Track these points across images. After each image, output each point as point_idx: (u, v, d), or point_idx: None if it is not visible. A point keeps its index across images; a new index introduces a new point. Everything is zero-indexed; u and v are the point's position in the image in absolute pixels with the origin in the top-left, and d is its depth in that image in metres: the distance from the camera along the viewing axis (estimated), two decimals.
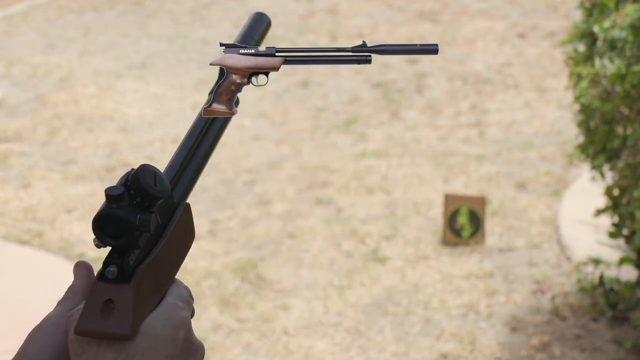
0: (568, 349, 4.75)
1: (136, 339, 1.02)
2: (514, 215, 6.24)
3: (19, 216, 6.34)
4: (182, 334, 1.05)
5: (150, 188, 1.03)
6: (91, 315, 1.01)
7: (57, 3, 12.24)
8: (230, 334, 4.98)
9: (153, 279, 1.05)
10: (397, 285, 5.43)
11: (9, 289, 5.37)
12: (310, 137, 7.77)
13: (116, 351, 1.01)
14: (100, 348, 1.02)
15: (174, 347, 1.04)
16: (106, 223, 1.02)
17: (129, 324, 1.00)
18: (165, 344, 1.03)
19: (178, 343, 1.05)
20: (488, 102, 8.46)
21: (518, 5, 11.68)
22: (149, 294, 1.04)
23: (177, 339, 1.05)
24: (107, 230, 1.02)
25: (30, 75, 9.39)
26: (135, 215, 1.01)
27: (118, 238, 1.02)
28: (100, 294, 1.01)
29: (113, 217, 1.01)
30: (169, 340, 1.04)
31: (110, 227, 1.02)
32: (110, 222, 1.01)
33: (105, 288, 1.01)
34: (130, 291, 1.01)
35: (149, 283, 1.04)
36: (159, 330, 1.04)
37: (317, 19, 11.37)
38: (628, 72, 4.24)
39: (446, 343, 4.86)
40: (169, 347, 1.04)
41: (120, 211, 1.01)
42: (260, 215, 6.33)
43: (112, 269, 1.01)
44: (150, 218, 1.02)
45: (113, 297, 1.01)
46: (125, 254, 1.03)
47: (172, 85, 9.10)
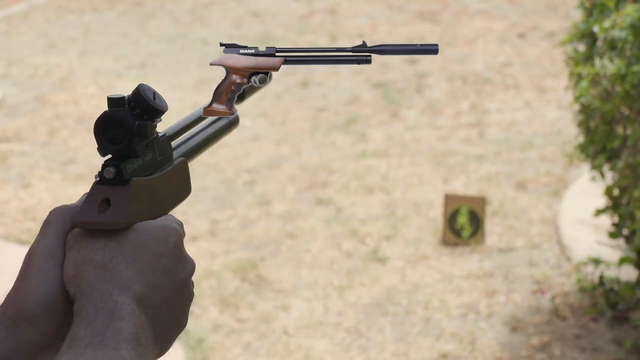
0: (568, 349, 4.75)
1: (127, 232, 1.05)
2: (514, 215, 6.24)
3: (19, 216, 6.35)
4: (173, 239, 1.07)
5: (150, 100, 1.09)
6: (88, 209, 1.05)
7: (57, 3, 12.24)
8: (230, 334, 4.98)
9: (147, 197, 1.09)
10: (397, 285, 5.43)
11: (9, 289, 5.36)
12: (310, 137, 7.77)
13: (107, 240, 1.04)
14: (92, 239, 1.05)
15: (164, 247, 1.06)
16: (107, 126, 1.07)
17: (123, 215, 1.04)
18: (155, 242, 1.06)
19: (169, 245, 1.07)
20: (488, 102, 8.46)
21: (518, 5, 11.68)
22: (142, 207, 1.08)
23: (168, 241, 1.07)
24: (107, 134, 1.07)
25: (30, 75, 9.39)
26: (134, 121, 1.07)
27: (117, 142, 1.06)
28: (97, 193, 1.06)
29: (113, 119, 1.07)
30: (159, 239, 1.06)
31: (111, 131, 1.07)
32: (110, 125, 1.07)
33: (102, 189, 1.06)
34: (127, 191, 1.05)
35: (144, 196, 1.08)
36: (150, 229, 1.06)
37: (317, 19, 11.37)
38: (628, 72, 4.24)
39: (446, 343, 4.86)
40: (158, 245, 1.06)
41: (120, 114, 1.07)
42: (260, 215, 6.33)
43: (111, 169, 1.06)
44: (147, 125, 1.08)
45: (110, 196, 1.05)
46: (124, 161, 1.07)
47: (172, 85, 9.10)
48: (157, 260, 1.05)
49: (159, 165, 1.13)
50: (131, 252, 1.04)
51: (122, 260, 1.03)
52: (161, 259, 1.05)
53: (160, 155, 1.14)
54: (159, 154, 1.13)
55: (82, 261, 1.04)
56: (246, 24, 11.24)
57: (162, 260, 1.05)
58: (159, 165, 1.13)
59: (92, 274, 1.02)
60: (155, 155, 1.12)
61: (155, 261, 1.05)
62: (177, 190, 1.16)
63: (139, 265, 1.03)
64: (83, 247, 1.04)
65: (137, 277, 1.03)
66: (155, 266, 1.05)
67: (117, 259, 1.03)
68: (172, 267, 1.06)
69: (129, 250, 1.04)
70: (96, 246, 1.04)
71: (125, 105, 1.08)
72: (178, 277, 1.07)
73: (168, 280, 1.05)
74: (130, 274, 1.03)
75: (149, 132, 1.08)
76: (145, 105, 1.09)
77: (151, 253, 1.05)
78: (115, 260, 1.03)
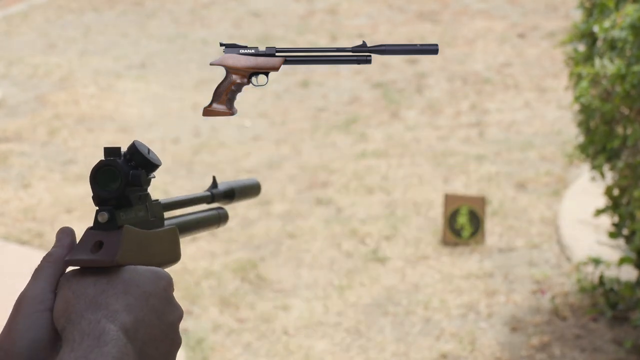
0: (568, 349, 4.75)
1: (119, 270, 1.07)
2: (514, 215, 6.24)
3: (19, 216, 6.34)
4: (163, 283, 1.09)
5: (145, 154, 1.12)
6: (81, 250, 1.08)
7: (57, 3, 12.24)
8: (230, 334, 4.98)
9: (138, 246, 1.11)
10: (397, 285, 5.43)
11: (9, 289, 5.37)
12: (310, 137, 7.77)
13: (98, 277, 1.06)
14: (84, 276, 1.06)
15: (153, 288, 1.07)
16: (102, 174, 1.10)
17: (115, 254, 1.06)
18: (145, 282, 1.07)
19: (158, 287, 1.08)
20: (488, 102, 8.46)
21: (518, 5, 11.68)
22: (133, 253, 1.10)
23: (158, 284, 1.08)
24: (102, 182, 1.10)
25: (30, 75, 9.39)
26: (129, 170, 1.11)
27: (112, 189, 1.10)
28: (90, 236, 1.09)
29: (109, 167, 1.10)
30: (150, 280, 1.08)
31: (106, 179, 1.10)
32: (106, 173, 1.10)
33: (95, 233, 1.09)
34: (119, 234, 1.08)
35: (135, 244, 1.10)
36: (141, 270, 1.08)
37: (317, 19, 11.36)
38: (628, 72, 4.24)
39: (446, 343, 4.86)
40: (148, 285, 1.07)
41: (116, 163, 1.10)
42: (260, 215, 6.33)
43: (105, 214, 1.09)
44: (141, 174, 1.11)
45: (102, 238, 1.08)
46: (118, 208, 1.11)
47: (172, 85, 9.10)
48: (146, 298, 1.07)
49: (151, 226, 1.16)
50: (121, 287, 1.06)
51: (112, 294, 1.05)
52: (150, 298, 1.07)
53: (152, 217, 1.17)
54: (151, 215, 1.17)
55: (73, 295, 1.05)
56: (246, 24, 11.24)
57: (151, 299, 1.07)
58: (150, 226, 1.16)
59: (82, 306, 1.04)
60: (147, 214, 1.15)
61: (145, 299, 1.06)
62: (166, 252, 1.18)
63: (129, 300, 1.05)
64: (74, 283, 1.06)
65: (126, 310, 1.04)
66: (145, 304, 1.06)
67: (107, 293, 1.05)
68: (161, 308, 1.08)
69: (119, 285, 1.06)
70: (87, 282, 1.06)
71: (121, 155, 1.12)
72: (167, 318, 1.08)
73: (156, 319, 1.07)
74: (120, 306, 1.04)
75: (143, 181, 1.12)
76: (141, 158, 1.12)
77: (141, 291, 1.06)
78: (105, 293, 1.05)
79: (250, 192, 1.49)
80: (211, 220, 1.36)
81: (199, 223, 1.32)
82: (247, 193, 1.48)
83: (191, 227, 1.29)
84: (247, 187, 1.48)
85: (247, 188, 1.47)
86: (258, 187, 1.51)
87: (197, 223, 1.31)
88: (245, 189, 1.47)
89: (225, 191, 1.43)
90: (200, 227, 1.32)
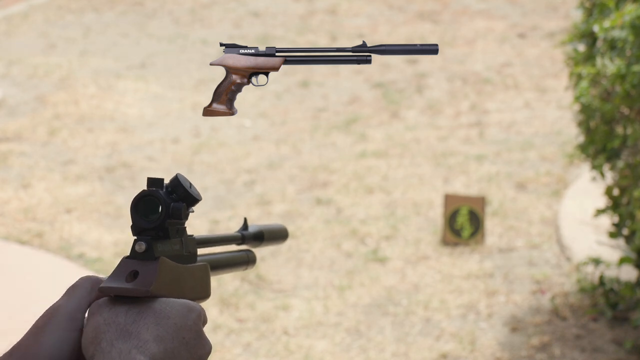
0: (568, 349, 4.75)
1: (151, 301, 1.06)
2: (514, 215, 6.24)
3: (19, 216, 6.34)
4: (194, 316, 1.09)
5: (187, 187, 1.13)
6: (115, 279, 1.08)
7: (57, 3, 12.24)
8: (230, 334, 4.98)
9: (172, 279, 1.11)
10: (397, 285, 5.43)
11: (9, 289, 5.37)
12: (310, 137, 7.77)
13: (130, 306, 1.06)
14: (116, 304, 1.06)
15: (184, 321, 1.07)
16: (144, 204, 1.11)
17: (150, 284, 1.06)
18: (177, 315, 1.07)
19: (189, 321, 1.08)
20: (488, 102, 8.46)
21: (518, 5, 11.68)
22: (167, 285, 1.10)
23: (189, 317, 1.08)
24: (143, 211, 1.11)
25: (30, 75, 9.39)
26: (170, 203, 1.11)
27: (152, 220, 1.10)
28: (126, 265, 1.09)
29: (151, 197, 1.11)
30: (181, 313, 1.07)
31: (146, 209, 1.11)
32: (147, 203, 1.11)
33: (131, 262, 1.10)
34: (155, 265, 1.08)
35: (169, 277, 1.10)
36: (173, 303, 1.08)
37: (317, 19, 11.37)
38: (628, 72, 4.24)
39: (446, 343, 4.86)
40: (180, 318, 1.07)
41: (158, 194, 1.11)
42: (260, 215, 6.33)
43: (143, 244, 1.09)
44: (182, 207, 1.11)
45: (138, 268, 1.08)
46: (156, 239, 1.11)
47: (172, 85, 9.10)
48: (177, 331, 1.06)
49: (184, 260, 1.16)
50: (152, 318, 1.05)
51: (143, 325, 1.05)
52: (181, 331, 1.07)
53: (186, 251, 1.17)
54: (186, 250, 1.17)
55: (104, 323, 1.05)
56: (246, 24, 11.24)
57: (182, 332, 1.07)
58: (184, 260, 1.16)
59: (113, 334, 1.04)
60: (182, 249, 1.16)
61: (176, 332, 1.06)
62: (197, 288, 1.18)
63: (159, 332, 1.05)
64: (106, 311, 1.06)
65: (156, 341, 1.04)
66: (175, 336, 1.06)
67: (139, 323, 1.05)
68: (191, 341, 1.07)
69: (151, 316, 1.05)
70: (119, 310, 1.06)
71: (163, 187, 1.13)
72: (196, 352, 1.08)
73: (186, 352, 1.07)
74: (150, 337, 1.04)
75: (183, 215, 1.12)
76: (183, 191, 1.13)
77: (172, 323, 1.06)
78: (136, 323, 1.05)
79: (279, 236, 1.52)
80: (240, 261, 1.37)
81: (229, 263, 1.33)
82: (276, 238, 1.50)
83: (221, 266, 1.30)
84: (276, 231, 1.51)
85: (275, 232, 1.50)
86: (286, 233, 1.54)
87: (227, 262, 1.32)
88: (274, 233, 1.49)
89: (255, 233, 1.46)
90: (229, 267, 1.33)
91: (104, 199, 6.53)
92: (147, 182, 1.11)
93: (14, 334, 4.45)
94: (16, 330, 4.24)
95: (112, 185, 6.73)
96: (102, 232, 6.08)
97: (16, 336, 1.27)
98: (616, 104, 4.41)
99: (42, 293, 5.13)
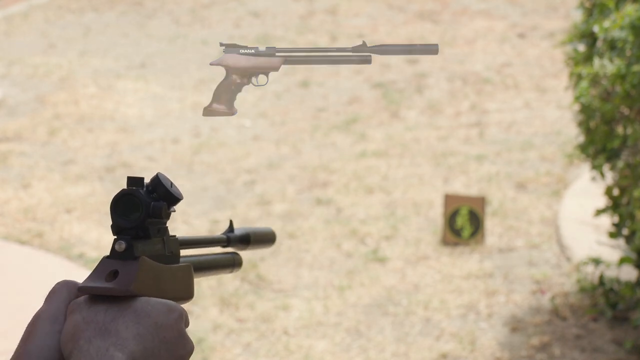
0: (568, 349, 4.75)
1: (131, 300, 1.06)
2: (514, 215, 6.24)
3: (19, 216, 6.34)
4: (175, 315, 1.08)
5: (167, 186, 1.12)
6: (95, 278, 1.07)
7: (57, 3, 12.24)
8: (230, 334, 4.98)
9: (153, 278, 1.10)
10: (397, 285, 5.43)
11: (9, 289, 5.37)
12: (310, 137, 7.77)
13: (110, 304, 1.05)
14: (95, 302, 1.06)
15: (165, 320, 1.06)
16: (123, 203, 1.10)
17: (130, 283, 1.05)
18: (157, 314, 1.06)
19: (170, 320, 1.07)
20: (488, 102, 8.46)
21: (518, 5, 11.68)
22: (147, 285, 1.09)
23: (170, 316, 1.07)
24: (122, 211, 1.10)
25: (30, 75, 9.39)
26: (150, 202, 1.10)
27: (132, 219, 1.09)
28: (105, 265, 1.08)
29: (131, 197, 1.10)
30: (162, 312, 1.06)
31: (126, 208, 1.09)
32: (127, 202, 1.10)
33: (111, 262, 1.09)
34: (136, 264, 1.07)
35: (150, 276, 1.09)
36: (154, 302, 1.07)
37: (317, 19, 11.36)
38: (628, 72, 4.24)
39: (446, 343, 4.86)
40: (160, 317, 1.06)
41: (138, 192, 1.10)
42: (260, 215, 6.33)
43: (122, 243, 1.08)
44: (162, 206, 1.10)
45: (118, 268, 1.07)
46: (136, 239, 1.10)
47: (172, 85, 9.10)
48: (157, 330, 1.05)
49: (166, 260, 1.15)
50: (132, 316, 1.05)
51: (122, 323, 1.04)
52: (162, 330, 1.06)
53: (168, 251, 1.16)
54: (168, 250, 1.16)
55: (82, 321, 1.05)
56: (246, 24, 11.24)
57: (162, 331, 1.06)
58: (166, 260, 1.15)
59: (91, 332, 1.03)
60: (164, 248, 1.15)
61: (156, 330, 1.05)
62: (180, 288, 1.17)
63: (139, 330, 1.04)
64: (85, 310, 1.05)
65: (136, 339, 1.03)
66: (155, 335, 1.05)
67: (118, 321, 1.04)
68: (172, 340, 1.06)
69: (131, 315, 1.05)
70: (99, 309, 1.05)
71: (143, 186, 1.11)
72: (177, 352, 1.07)
73: (166, 351, 1.05)
74: (129, 335, 1.03)
75: (164, 214, 1.11)
76: (163, 190, 1.12)
77: (152, 322, 1.05)
78: (116, 322, 1.04)
79: (266, 240, 1.49)
80: (226, 263, 1.35)
81: (214, 264, 1.31)
82: (263, 240, 1.48)
83: (205, 268, 1.28)
84: (263, 234, 1.48)
85: (262, 235, 1.48)
86: (273, 237, 1.51)
87: (212, 264, 1.30)
88: (260, 236, 1.47)
89: (241, 236, 1.43)
90: (214, 269, 1.31)
91: (104, 199, 6.53)
92: (127, 182, 1.10)
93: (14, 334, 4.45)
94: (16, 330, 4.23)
95: (112, 185, 6.73)
96: (102, 232, 6.08)
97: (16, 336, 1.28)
98: (616, 104, 4.41)
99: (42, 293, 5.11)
